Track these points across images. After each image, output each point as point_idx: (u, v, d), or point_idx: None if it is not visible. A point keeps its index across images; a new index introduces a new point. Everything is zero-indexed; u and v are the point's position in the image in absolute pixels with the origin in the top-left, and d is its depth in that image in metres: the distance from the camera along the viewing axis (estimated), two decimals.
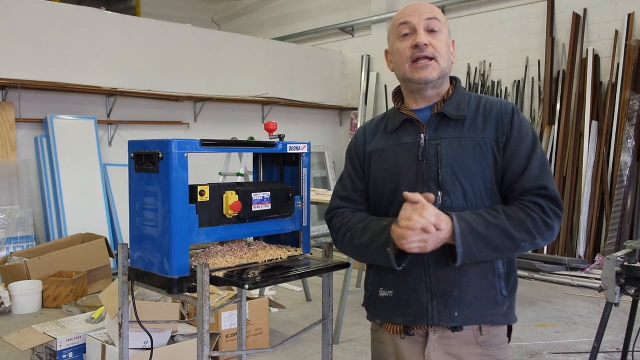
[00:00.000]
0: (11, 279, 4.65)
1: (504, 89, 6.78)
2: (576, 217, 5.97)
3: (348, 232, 1.51)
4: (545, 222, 1.37)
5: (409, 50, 1.45)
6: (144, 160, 1.58)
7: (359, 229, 1.48)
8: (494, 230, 1.35)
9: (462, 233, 1.32)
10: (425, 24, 1.45)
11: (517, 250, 1.38)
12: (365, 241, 1.45)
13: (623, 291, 2.46)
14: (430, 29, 1.45)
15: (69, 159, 5.67)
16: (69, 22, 5.89)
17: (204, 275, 1.47)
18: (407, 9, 1.49)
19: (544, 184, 1.40)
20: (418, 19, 1.45)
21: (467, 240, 1.33)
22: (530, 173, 1.41)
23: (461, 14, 7.13)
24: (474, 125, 1.46)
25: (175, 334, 3.16)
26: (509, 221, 1.36)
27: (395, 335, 1.51)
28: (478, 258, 1.36)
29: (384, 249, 1.39)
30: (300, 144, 1.83)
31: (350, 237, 1.50)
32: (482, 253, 1.35)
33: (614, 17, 5.95)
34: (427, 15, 1.45)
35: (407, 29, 1.46)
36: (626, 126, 5.69)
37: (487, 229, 1.34)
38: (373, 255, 1.45)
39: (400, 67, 1.48)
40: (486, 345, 1.45)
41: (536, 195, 1.39)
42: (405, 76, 1.47)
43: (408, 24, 1.46)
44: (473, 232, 1.33)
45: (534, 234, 1.37)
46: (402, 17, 1.47)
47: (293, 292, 5.15)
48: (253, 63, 7.57)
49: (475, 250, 1.34)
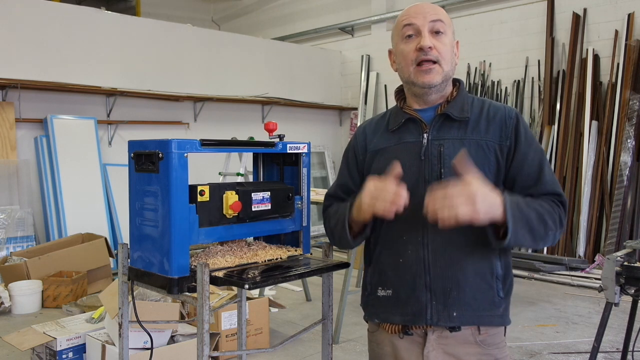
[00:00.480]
0: (11, 279, 4.65)
1: (504, 89, 6.78)
2: (576, 217, 5.97)
3: (330, 215, 1.59)
4: (561, 221, 1.41)
5: (414, 53, 1.44)
6: (144, 160, 1.58)
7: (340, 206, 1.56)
8: (533, 211, 1.35)
9: (511, 205, 1.30)
10: (430, 26, 1.44)
11: (543, 239, 1.38)
12: (335, 210, 1.57)
13: (623, 291, 2.46)
14: (435, 31, 1.45)
15: (69, 159, 5.67)
16: (69, 22, 5.89)
17: (204, 275, 1.47)
18: (412, 9, 1.48)
19: (558, 191, 1.44)
20: (423, 20, 1.44)
21: (515, 214, 1.30)
22: (546, 179, 1.44)
23: (461, 14, 7.13)
24: (477, 127, 1.46)
25: (175, 334, 3.16)
26: (541, 208, 1.38)
27: (393, 336, 1.51)
28: (519, 238, 1.33)
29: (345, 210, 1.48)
30: (300, 144, 1.83)
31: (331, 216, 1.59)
32: (523, 231, 1.33)
33: (614, 17, 5.95)
34: (432, 17, 1.45)
35: (412, 31, 1.46)
36: (626, 126, 5.69)
37: (528, 207, 1.35)
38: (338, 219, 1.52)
39: (405, 70, 1.48)
40: (484, 345, 1.46)
41: (553, 200, 1.43)
42: (410, 79, 1.48)
43: (412, 25, 1.45)
44: (519, 207, 1.32)
45: (557, 225, 1.39)
46: (407, 18, 1.47)
47: (293, 292, 5.15)
48: (253, 63, 7.57)
49: (520, 227, 1.31)
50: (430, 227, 1.42)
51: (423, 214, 1.32)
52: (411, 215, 1.45)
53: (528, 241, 1.36)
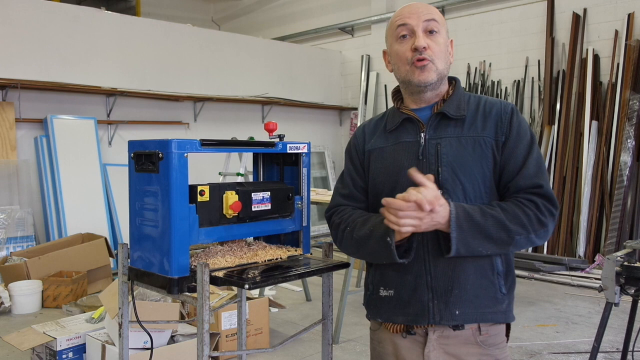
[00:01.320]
0: (11, 279, 4.65)
1: (504, 89, 6.78)
2: (576, 217, 5.97)
3: (348, 227, 1.50)
4: (539, 219, 1.38)
5: (408, 53, 1.45)
6: (144, 160, 1.58)
7: (359, 222, 1.48)
8: (490, 219, 1.35)
9: (458, 217, 1.32)
10: (423, 25, 1.45)
11: (511, 244, 1.38)
12: (364, 233, 1.44)
13: (623, 291, 2.46)
14: (428, 30, 1.45)
15: (69, 159, 5.67)
16: (69, 22, 5.89)
17: (204, 275, 1.47)
18: (405, 10, 1.48)
19: (539, 183, 1.41)
20: (416, 20, 1.45)
21: (462, 225, 1.32)
22: (526, 172, 1.42)
23: (461, 14, 7.13)
24: (474, 124, 1.47)
25: (175, 334, 3.16)
26: (504, 214, 1.37)
27: (394, 335, 1.51)
28: (472, 247, 1.35)
29: (383, 239, 1.38)
30: (300, 144, 1.83)
31: (350, 231, 1.49)
32: (476, 241, 1.34)
33: (614, 17, 5.95)
34: (426, 17, 1.45)
35: (406, 31, 1.46)
36: (626, 126, 5.69)
37: (483, 217, 1.35)
38: (373, 247, 1.42)
39: (400, 70, 1.49)
40: (485, 345, 1.46)
41: (531, 194, 1.40)
42: (405, 79, 1.48)
43: (406, 26, 1.46)
44: (469, 219, 1.33)
45: (528, 229, 1.37)
46: (400, 19, 1.47)
47: (293, 292, 5.15)
48: (253, 63, 7.57)
49: (470, 238, 1.33)
50: None
51: None
52: None
53: (489, 248, 1.37)
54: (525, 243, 1.39)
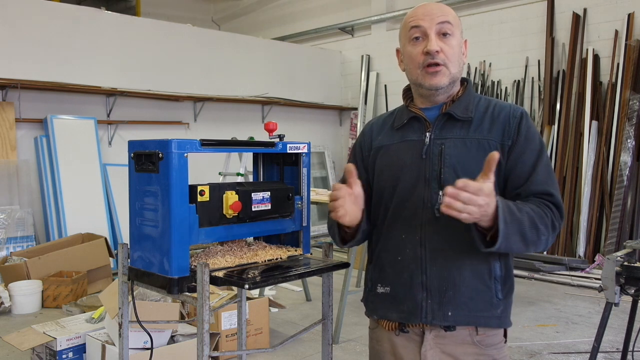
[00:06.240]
0: (11, 279, 4.65)
1: (504, 89, 6.78)
2: (576, 217, 5.97)
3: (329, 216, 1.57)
4: (553, 225, 1.37)
5: (421, 56, 1.44)
6: (144, 160, 1.58)
7: None
8: (525, 216, 1.32)
9: (504, 210, 1.27)
10: (437, 28, 1.43)
11: (536, 244, 1.34)
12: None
13: (623, 291, 2.46)
14: (442, 33, 1.43)
15: (69, 159, 5.67)
16: (69, 22, 5.89)
17: (204, 275, 1.47)
18: (419, 10, 1.46)
19: (549, 191, 1.40)
20: (430, 23, 1.43)
21: (507, 219, 1.27)
22: (537, 178, 1.40)
23: (461, 14, 7.12)
24: (480, 127, 1.46)
25: (175, 334, 3.16)
26: (534, 212, 1.34)
27: (391, 333, 1.52)
28: (510, 244, 1.30)
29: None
30: (300, 144, 1.83)
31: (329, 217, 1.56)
32: (514, 238, 1.29)
33: (614, 17, 5.95)
34: (439, 19, 1.43)
35: (419, 33, 1.44)
36: (626, 126, 5.69)
37: (520, 213, 1.31)
38: (330, 221, 1.53)
39: (412, 72, 1.48)
40: (482, 345, 1.45)
41: (542, 199, 1.39)
42: (417, 81, 1.48)
43: (420, 28, 1.44)
44: (511, 213, 1.29)
45: (550, 230, 1.36)
46: (414, 20, 1.46)
47: (293, 292, 5.15)
48: (253, 63, 7.57)
49: (511, 233, 1.28)
50: (429, 226, 1.43)
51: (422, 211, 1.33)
52: (410, 214, 1.45)
53: (520, 247, 1.33)
54: (542, 245, 1.37)
